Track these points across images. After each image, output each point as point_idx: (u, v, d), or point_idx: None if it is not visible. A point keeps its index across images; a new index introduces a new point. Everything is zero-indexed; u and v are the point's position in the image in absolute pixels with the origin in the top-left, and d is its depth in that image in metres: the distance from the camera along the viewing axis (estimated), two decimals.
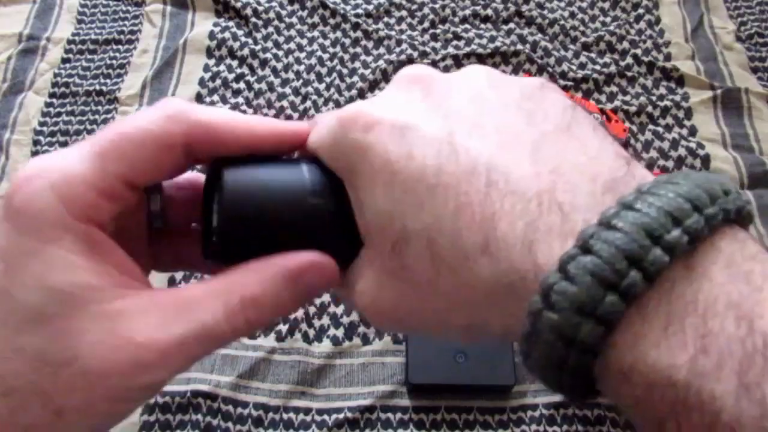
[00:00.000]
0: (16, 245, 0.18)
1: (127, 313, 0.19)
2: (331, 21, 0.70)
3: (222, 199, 0.20)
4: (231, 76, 0.65)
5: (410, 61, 0.67)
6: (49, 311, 0.18)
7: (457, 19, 0.70)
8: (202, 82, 0.65)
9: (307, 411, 0.47)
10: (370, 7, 0.71)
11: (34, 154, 0.60)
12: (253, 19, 0.69)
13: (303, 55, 0.67)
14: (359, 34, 0.69)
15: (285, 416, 0.47)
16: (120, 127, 0.20)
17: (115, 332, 0.18)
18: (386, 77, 0.66)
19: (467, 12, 0.71)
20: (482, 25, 0.70)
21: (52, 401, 0.18)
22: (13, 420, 0.18)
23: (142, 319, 0.19)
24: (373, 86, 0.65)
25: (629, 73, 0.66)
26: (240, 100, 0.64)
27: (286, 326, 0.51)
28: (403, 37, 0.69)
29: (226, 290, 0.20)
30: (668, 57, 0.68)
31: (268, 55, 0.67)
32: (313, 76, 0.66)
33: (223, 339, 0.19)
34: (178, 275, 0.53)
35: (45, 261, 0.18)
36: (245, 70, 0.66)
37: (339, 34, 0.69)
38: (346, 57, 0.67)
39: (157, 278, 0.51)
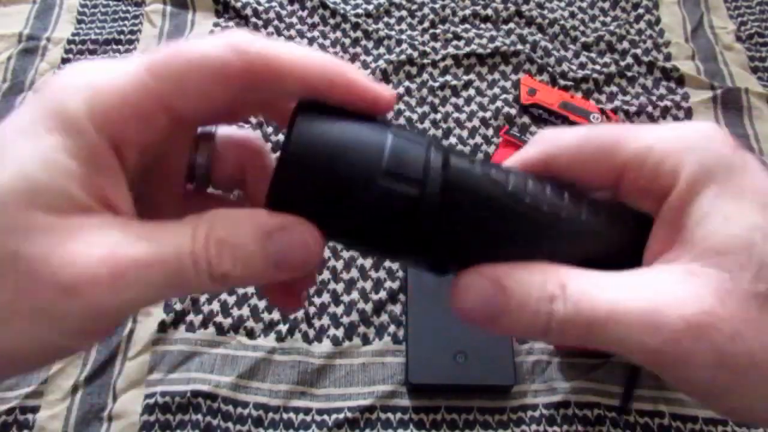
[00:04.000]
0: (19, 128, 0.17)
1: (89, 227, 0.17)
2: (331, 21, 0.70)
3: (287, 142, 0.18)
4: None
5: (410, 61, 0.67)
6: (10, 201, 0.16)
7: (457, 19, 0.70)
8: None
9: (307, 411, 0.47)
10: (370, 7, 0.71)
11: None
12: (253, 19, 0.69)
13: None
14: (359, 34, 0.69)
15: (285, 416, 0.47)
16: (176, 47, 0.18)
17: (74, 241, 0.16)
18: (386, 77, 0.66)
19: (467, 12, 0.71)
20: (482, 25, 0.70)
21: None
22: None
23: (108, 235, 0.17)
24: None
25: (629, 73, 0.66)
26: None
27: (286, 326, 0.51)
28: (403, 37, 0.69)
29: (196, 225, 0.18)
30: (668, 57, 0.68)
31: None
32: None
33: (185, 278, 0.17)
34: None
35: (35, 149, 0.17)
36: None
37: (339, 34, 0.69)
38: (346, 57, 0.67)
39: None
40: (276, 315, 0.51)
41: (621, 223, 0.22)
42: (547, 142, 0.22)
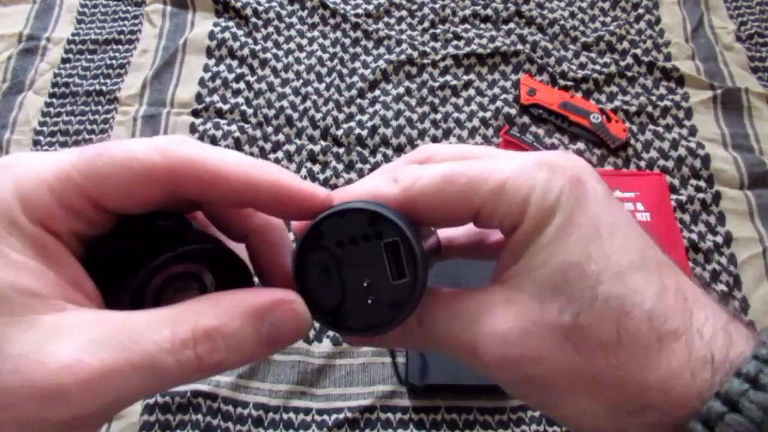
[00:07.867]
0: None
1: (63, 327, 0.16)
2: (331, 21, 0.70)
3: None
4: (231, 76, 0.65)
5: (410, 61, 0.67)
6: None
7: (457, 19, 0.70)
8: (202, 82, 0.65)
9: (307, 411, 0.47)
10: (370, 7, 0.71)
11: None
12: (253, 19, 0.69)
13: (303, 55, 0.67)
14: (359, 34, 0.69)
15: (285, 416, 0.47)
16: (107, 146, 0.19)
17: (42, 348, 0.16)
18: (386, 77, 0.66)
19: (467, 12, 0.71)
20: (482, 25, 0.70)
21: None
22: None
23: (76, 337, 0.16)
24: (373, 86, 0.65)
25: (629, 73, 0.66)
26: (240, 100, 0.64)
27: None
28: (403, 37, 0.69)
29: (177, 319, 0.17)
30: (668, 57, 0.68)
31: (268, 55, 0.67)
32: (313, 76, 0.66)
33: (167, 376, 0.16)
34: None
35: None
36: (245, 70, 0.66)
37: (339, 34, 0.69)
38: (346, 57, 0.67)
39: None
40: None
41: None
42: (407, 180, 0.21)
